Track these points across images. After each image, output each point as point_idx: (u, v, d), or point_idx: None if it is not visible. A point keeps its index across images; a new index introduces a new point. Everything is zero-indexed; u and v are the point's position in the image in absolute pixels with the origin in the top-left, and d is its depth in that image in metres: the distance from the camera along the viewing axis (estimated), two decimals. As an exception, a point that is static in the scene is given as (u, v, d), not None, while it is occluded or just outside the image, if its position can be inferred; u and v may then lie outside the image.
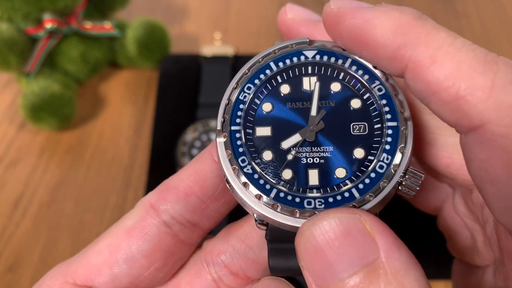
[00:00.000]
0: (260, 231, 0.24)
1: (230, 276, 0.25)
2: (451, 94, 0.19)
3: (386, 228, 0.19)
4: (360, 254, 0.18)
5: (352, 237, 0.18)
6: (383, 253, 0.18)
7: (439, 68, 0.19)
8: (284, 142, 0.23)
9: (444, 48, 0.19)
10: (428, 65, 0.19)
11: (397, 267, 0.17)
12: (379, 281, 0.17)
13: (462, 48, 0.19)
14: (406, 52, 0.20)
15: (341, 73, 0.23)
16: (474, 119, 0.19)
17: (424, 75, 0.19)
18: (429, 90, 0.20)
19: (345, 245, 0.18)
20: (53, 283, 0.24)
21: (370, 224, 0.19)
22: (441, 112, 0.20)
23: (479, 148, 0.19)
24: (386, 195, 0.21)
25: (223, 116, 0.23)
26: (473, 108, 0.18)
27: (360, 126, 0.23)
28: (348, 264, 0.18)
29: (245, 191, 0.22)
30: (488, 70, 0.18)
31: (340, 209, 0.19)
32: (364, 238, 0.18)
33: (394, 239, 0.18)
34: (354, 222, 0.19)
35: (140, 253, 0.24)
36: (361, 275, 0.17)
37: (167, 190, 0.24)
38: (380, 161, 0.22)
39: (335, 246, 0.18)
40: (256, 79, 0.24)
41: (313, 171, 0.22)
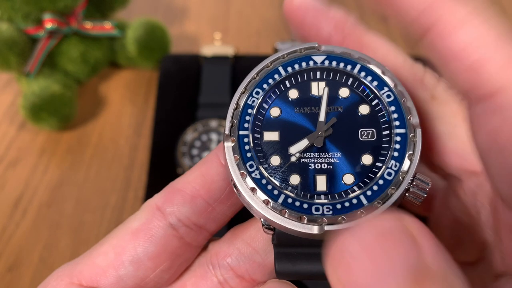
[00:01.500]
0: (266, 234, 0.24)
1: (236, 279, 0.25)
2: (471, 60, 0.19)
3: (428, 229, 0.18)
4: (405, 258, 0.17)
5: (395, 240, 0.17)
6: (428, 256, 0.17)
7: (464, 35, 0.19)
8: (292, 147, 0.22)
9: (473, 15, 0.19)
10: (454, 30, 0.19)
11: (444, 270, 0.17)
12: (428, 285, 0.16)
13: (491, 18, 0.19)
14: (434, 13, 0.20)
15: (349, 79, 0.23)
16: (491, 86, 0.19)
17: (447, 40, 0.19)
18: (449, 55, 0.20)
19: (388, 249, 0.17)
20: (58, 284, 0.24)
21: (412, 225, 0.18)
22: (457, 78, 0.20)
23: (492, 115, 0.19)
24: (394, 202, 0.21)
25: (231, 121, 0.23)
26: (492, 75, 0.18)
27: (369, 132, 0.22)
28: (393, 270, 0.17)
29: (252, 196, 0.22)
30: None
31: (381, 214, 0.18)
32: (408, 241, 0.17)
33: (437, 241, 0.18)
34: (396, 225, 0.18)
35: (146, 255, 0.24)
36: (408, 280, 0.17)
37: (173, 192, 0.24)
38: (389, 168, 0.22)
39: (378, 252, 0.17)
40: (265, 84, 0.24)
41: (321, 177, 0.22)
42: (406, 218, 0.18)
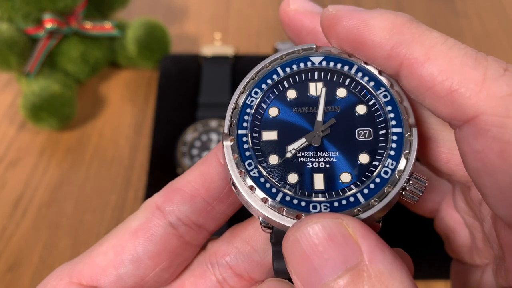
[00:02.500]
0: (264, 233, 0.24)
1: (235, 278, 0.26)
2: (445, 88, 0.20)
3: (369, 231, 0.19)
4: (344, 258, 0.18)
5: (335, 242, 0.19)
6: (366, 256, 0.18)
7: (433, 64, 0.20)
8: (290, 146, 0.23)
9: (437, 46, 0.20)
10: (423, 62, 0.20)
11: (381, 269, 0.18)
12: (363, 284, 0.18)
13: (453, 46, 0.20)
14: (401, 51, 0.21)
15: (347, 79, 0.24)
16: (468, 110, 0.19)
17: (418, 72, 0.20)
18: (424, 85, 0.20)
19: (329, 249, 0.18)
20: (58, 283, 0.24)
21: (353, 227, 0.19)
22: (436, 107, 0.21)
23: (474, 139, 0.19)
24: (391, 200, 0.21)
25: (230, 120, 0.23)
26: (467, 100, 0.19)
27: (365, 131, 0.23)
28: (332, 268, 0.18)
29: (251, 194, 0.22)
30: (479, 65, 0.19)
31: (323, 214, 0.20)
32: (347, 242, 0.18)
33: (378, 242, 0.19)
34: (336, 227, 0.19)
35: (146, 254, 0.24)
36: (346, 278, 0.18)
37: (173, 192, 0.24)
38: (385, 166, 0.22)
39: (319, 251, 0.19)
40: (263, 84, 0.24)
41: (319, 176, 0.22)
42: (346, 219, 0.19)
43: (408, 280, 0.18)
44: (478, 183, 0.20)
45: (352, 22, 0.22)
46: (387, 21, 0.21)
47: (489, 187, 0.19)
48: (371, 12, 0.22)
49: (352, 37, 0.22)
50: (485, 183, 0.20)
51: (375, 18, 0.21)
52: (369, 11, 0.22)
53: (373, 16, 0.21)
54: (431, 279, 0.46)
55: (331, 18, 0.22)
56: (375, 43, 0.21)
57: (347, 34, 0.22)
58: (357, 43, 0.22)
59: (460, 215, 0.28)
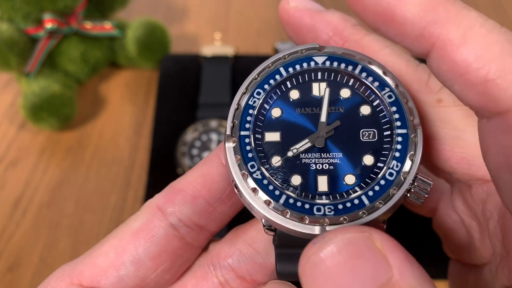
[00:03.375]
0: (267, 235, 0.24)
1: (237, 280, 0.25)
2: (480, 76, 0.18)
3: (397, 244, 0.18)
4: (373, 275, 0.17)
5: (363, 258, 0.17)
6: (396, 271, 0.17)
7: (470, 49, 0.18)
8: (293, 148, 0.22)
9: (475, 28, 0.18)
10: (458, 44, 0.19)
11: (412, 284, 0.17)
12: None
13: (493, 29, 0.18)
14: (435, 30, 0.19)
15: (351, 79, 0.23)
16: (503, 103, 0.18)
17: (452, 55, 0.19)
18: (456, 71, 0.19)
19: (357, 266, 0.17)
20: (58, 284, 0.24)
21: (380, 241, 0.17)
22: (466, 95, 0.19)
23: (503, 134, 0.18)
24: (396, 202, 0.21)
25: (232, 121, 0.23)
26: (503, 92, 0.18)
27: (370, 132, 0.22)
28: (363, 286, 0.17)
29: (254, 196, 0.22)
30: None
31: (348, 229, 0.18)
32: (376, 257, 0.17)
33: (406, 256, 0.17)
34: (364, 242, 0.17)
35: (147, 255, 0.24)
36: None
37: (174, 192, 0.24)
38: (390, 168, 0.22)
39: (347, 269, 0.17)
40: (266, 84, 0.24)
41: (322, 177, 0.22)
42: (373, 232, 0.18)
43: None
44: (497, 177, 0.19)
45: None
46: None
47: (508, 183, 0.19)
48: None
49: (382, 10, 0.20)
50: (505, 179, 0.19)
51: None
52: None
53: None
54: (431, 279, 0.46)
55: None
56: (406, 20, 0.20)
57: (376, 8, 0.20)
58: (387, 18, 0.20)
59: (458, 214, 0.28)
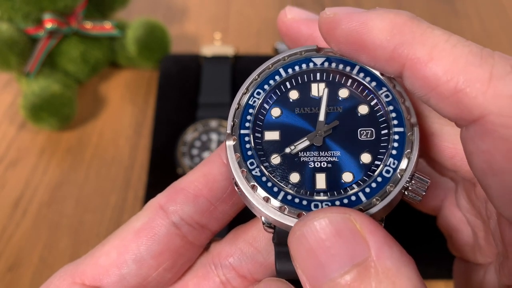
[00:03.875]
0: (267, 234, 0.24)
1: (238, 279, 0.26)
2: (450, 88, 0.19)
3: (377, 226, 0.19)
4: (351, 254, 0.18)
5: (342, 237, 0.18)
6: (374, 252, 0.18)
7: (437, 64, 0.19)
8: (291, 145, 0.23)
9: (440, 45, 0.19)
10: (426, 62, 0.20)
11: (388, 265, 0.18)
12: (370, 280, 0.17)
13: (457, 44, 0.19)
14: (403, 51, 0.20)
15: (349, 79, 0.24)
16: (475, 111, 0.19)
17: (422, 72, 0.20)
18: (428, 86, 0.20)
19: (336, 245, 0.18)
20: (61, 284, 0.25)
21: (360, 223, 0.19)
22: (441, 107, 0.20)
23: (481, 139, 0.19)
24: (392, 199, 0.21)
25: (233, 120, 0.23)
26: (473, 100, 0.19)
27: (367, 131, 0.23)
28: (339, 264, 0.18)
29: (253, 193, 0.22)
30: (484, 63, 0.19)
31: (330, 209, 0.20)
32: (355, 237, 0.18)
33: (386, 238, 0.18)
34: (344, 222, 0.19)
35: (149, 253, 0.24)
36: (352, 274, 0.18)
37: (176, 192, 0.25)
38: (387, 165, 0.22)
39: (326, 246, 0.18)
40: (266, 85, 0.24)
41: (321, 175, 0.22)
42: (354, 214, 0.19)
43: (416, 276, 0.18)
44: (483, 183, 0.20)
45: (350, 24, 0.21)
46: (387, 21, 0.20)
47: (494, 188, 0.19)
48: (370, 12, 0.21)
49: (352, 40, 0.21)
50: (491, 184, 0.19)
51: (374, 19, 0.21)
52: (368, 12, 0.21)
53: (372, 17, 0.21)
54: (431, 279, 0.46)
55: (329, 21, 0.22)
56: (375, 45, 0.21)
57: (346, 38, 0.21)
58: (357, 46, 0.21)
59: (462, 213, 0.28)
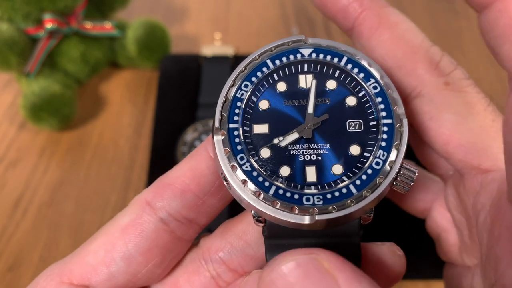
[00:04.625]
0: (257, 227, 0.24)
1: (229, 273, 0.25)
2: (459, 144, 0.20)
3: (344, 262, 0.19)
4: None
5: (311, 278, 0.18)
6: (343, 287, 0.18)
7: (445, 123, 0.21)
8: (279, 136, 0.23)
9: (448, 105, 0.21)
10: None
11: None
12: None
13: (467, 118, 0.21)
14: None
15: (336, 71, 0.24)
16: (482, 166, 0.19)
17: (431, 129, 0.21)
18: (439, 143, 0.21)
19: (306, 287, 0.18)
20: (48, 284, 0.24)
21: (328, 261, 0.19)
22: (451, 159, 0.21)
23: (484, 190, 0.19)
24: (383, 191, 0.22)
25: (220, 114, 0.23)
26: None
27: (356, 123, 0.23)
28: None
29: (243, 188, 0.22)
30: None
31: (295, 251, 0.19)
32: (324, 277, 0.18)
33: (354, 273, 0.18)
34: (311, 262, 0.18)
35: (137, 250, 0.24)
36: None
37: (163, 187, 0.24)
38: (376, 157, 0.22)
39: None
40: (253, 77, 0.24)
41: (311, 168, 0.22)
42: (320, 253, 0.19)
43: None
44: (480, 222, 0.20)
45: None
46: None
47: None
48: None
49: None
50: None
51: None
52: None
53: None
54: (431, 279, 0.46)
55: None
56: None
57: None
58: None
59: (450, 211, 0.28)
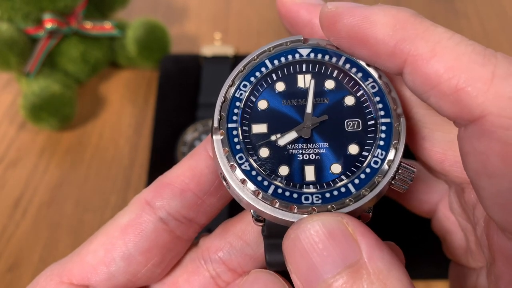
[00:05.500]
0: (256, 227, 0.24)
1: (228, 273, 0.26)
2: (451, 86, 0.19)
3: (368, 230, 0.19)
4: (343, 256, 0.18)
5: (335, 239, 0.19)
6: (365, 254, 0.18)
7: (439, 61, 0.19)
8: (280, 139, 0.23)
9: (443, 42, 0.19)
10: (428, 58, 0.19)
11: (380, 267, 0.18)
12: (362, 281, 0.18)
13: (460, 42, 0.19)
14: (405, 47, 0.20)
15: (335, 71, 0.24)
16: (475, 110, 0.19)
17: (424, 69, 0.20)
18: (429, 83, 0.20)
19: (328, 247, 0.19)
20: (47, 284, 0.24)
21: (352, 226, 0.19)
22: (441, 106, 0.20)
23: (478, 140, 0.19)
24: (381, 189, 0.22)
25: (219, 114, 0.23)
26: (474, 99, 0.19)
27: (354, 122, 0.23)
28: (331, 265, 0.18)
29: (242, 187, 0.22)
30: (487, 63, 0.19)
31: (324, 213, 0.20)
32: (347, 240, 0.19)
33: (376, 241, 0.19)
34: (336, 225, 0.19)
35: (137, 250, 0.24)
36: (345, 276, 0.18)
37: (162, 186, 0.24)
38: (375, 156, 0.22)
39: (319, 249, 0.19)
40: (252, 77, 0.24)
41: (309, 167, 0.22)
42: (346, 218, 0.19)
43: (406, 278, 0.18)
44: (476, 184, 0.20)
45: (353, 19, 0.21)
46: (390, 16, 0.20)
47: (487, 190, 0.19)
48: (373, 8, 0.21)
49: (354, 34, 0.21)
50: (484, 186, 0.19)
51: (377, 14, 0.21)
52: (370, 7, 0.21)
53: (375, 12, 0.21)
54: (431, 279, 0.46)
55: (331, 16, 0.22)
56: (378, 40, 0.21)
57: (348, 32, 0.21)
58: (359, 40, 0.21)
59: (455, 216, 0.28)
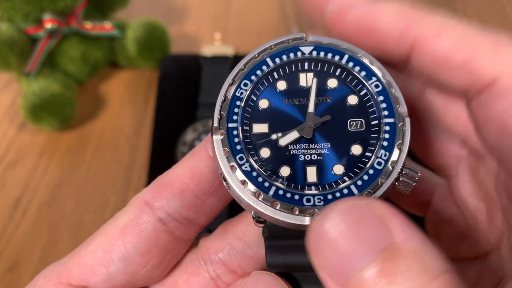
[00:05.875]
0: (257, 228, 0.24)
1: (228, 274, 0.25)
2: (461, 59, 0.21)
3: (396, 210, 0.18)
4: (375, 240, 0.17)
5: (364, 224, 0.17)
6: (397, 235, 0.17)
7: (446, 38, 0.21)
8: (281, 139, 0.22)
9: (445, 22, 0.21)
10: (435, 37, 0.21)
11: (414, 246, 0.17)
12: (399, 263, 0.17)
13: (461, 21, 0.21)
14: (412, 31, 0.22)
15: (337, 69, 0.23)
16: (486, 76, 0.20)
17: (432, 47, 0.21)
18: (439, 60, 0.21)
19: (359, 233, 0.17)
20: (46, 284, 0.24)
21: (379, 208, 0.18)
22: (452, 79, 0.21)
23: (495, 103, 0.20)
24: (385, 191, 0.21)
25: (219, 113, 0.23)
26: (484, 66, 0.20)
27: (357, 122, 0.22)
28: (365, 252, 0.17)
29: (243, 188, 0.21)
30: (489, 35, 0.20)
31: (347, 198, 0.19)
32: (377, 223, 0.17)
33: (406, 220, 0.18)
34: (364, 208, 0.18)
35: (136, 251, 0.24)
36: (380, 261, 0.17)
37: (162, 186, 0.24)
38: (378, 157, 0.22)
39: (349, 237, 0.17)
40: (253, 75, 0.23)
41: (311, 168, 0.22)
42: (373, 201, 0.18)
43: (441, 254, 0.17)
44: (500, 149, 0.20)
45: (359, 12, 0.23)
46: (392, 7, 0.22)
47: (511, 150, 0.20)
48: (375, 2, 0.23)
49: (361, 26, 0.23)
50: (508, 147, 0.20)
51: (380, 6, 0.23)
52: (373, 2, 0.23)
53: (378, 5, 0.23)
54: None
55: (336, 13, 0.23)
56: (385, 27, 0.22)
57: (355, 25, 0.23)
58: (366, 31, 0.23)
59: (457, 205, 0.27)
